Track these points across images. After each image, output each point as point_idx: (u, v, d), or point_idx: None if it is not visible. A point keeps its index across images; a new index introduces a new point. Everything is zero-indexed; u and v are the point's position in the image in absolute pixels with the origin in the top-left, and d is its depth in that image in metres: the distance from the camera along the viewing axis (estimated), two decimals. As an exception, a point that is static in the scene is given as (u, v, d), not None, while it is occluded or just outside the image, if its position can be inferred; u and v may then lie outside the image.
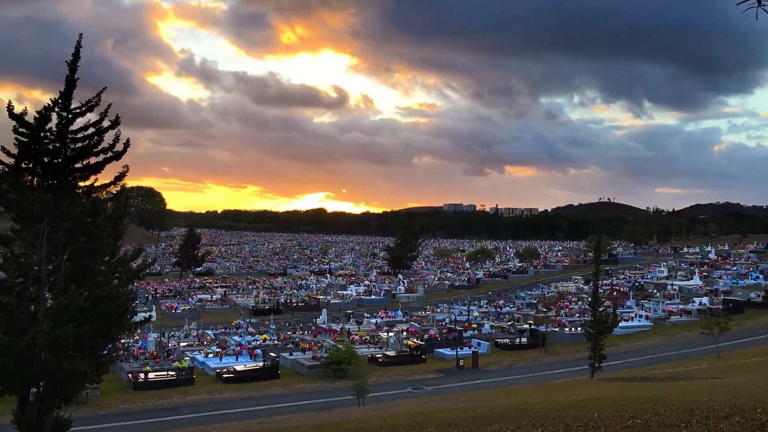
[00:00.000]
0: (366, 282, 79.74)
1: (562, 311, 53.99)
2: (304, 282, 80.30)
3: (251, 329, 48.48)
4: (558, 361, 40.03)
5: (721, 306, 51.85)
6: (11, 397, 15.14)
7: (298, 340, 44.15)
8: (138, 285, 59.71)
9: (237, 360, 38.06)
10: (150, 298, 65.04)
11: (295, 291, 72.81)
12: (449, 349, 40.98)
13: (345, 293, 69.65)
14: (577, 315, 51.98)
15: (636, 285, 67.58)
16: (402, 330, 46.54)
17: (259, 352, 38.92)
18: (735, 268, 76.14)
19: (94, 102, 15.50)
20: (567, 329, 46.28)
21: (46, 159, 15.26)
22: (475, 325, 49.18)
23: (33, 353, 14.02)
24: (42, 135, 14.96)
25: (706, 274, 71.80)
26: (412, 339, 43.17)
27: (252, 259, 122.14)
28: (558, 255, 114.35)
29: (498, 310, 57.68)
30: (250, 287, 75.42)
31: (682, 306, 54.04)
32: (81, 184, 15.80)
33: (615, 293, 60.69)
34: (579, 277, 73.12)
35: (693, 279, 67.30)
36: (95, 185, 15.93)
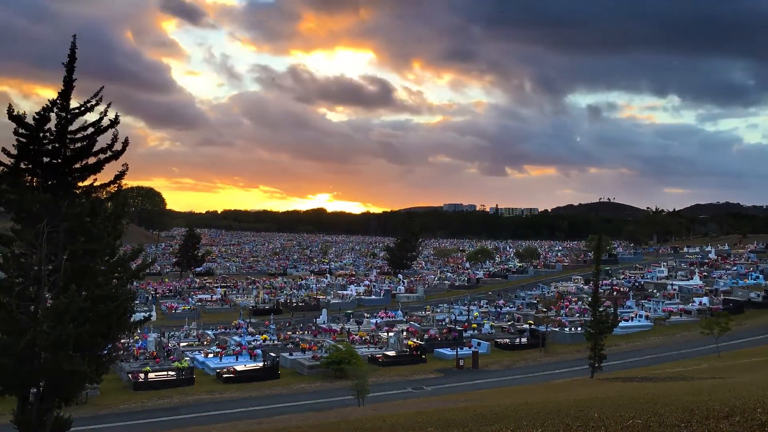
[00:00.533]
0: (366, 282, 79.71)
1: (562, 311, 53.97)
2: (304, 282, 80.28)
3: (251, 329, 48.48)
4: (558, 361, 40.02)
5: (721, 306, 51.84)
6: (11, 397, 15.14)
7: (298, 340, 44.15)
8: (138, 285, 59.74)
9: (237, 360, 38.07)
10: (150, 298, 65.01)
11: (295, 291, 72.80)
12: (449, 349, 40.98)
13: (345, 293, 69.63)
14: (577, 315, 51.97)
15: (636, 285, 67.56)
16: (402, 330, 46.53)
17: (259, 352, 38.92)
18: (735, 268, 76.13)
19: (94, 102, 15.50)
20: (567, 329, 46.28)
21: (45, 159, 15.26)
22: (475, 325, 49.18)
23: (33, 353, 14.01)
24: (41, 135, 14.96)
25: (706, 274, 71.80)
26: (412, 339, 43.17)
27: (252, 259, 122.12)
28: (558, 255, 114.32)
29: (498, 310, 57.66)
30: (250, 287, 75.41)
31: (682, 306, 54.02)
32: (80, 184, 15.79)
33: (615, 293, 60.67)
34: (579, 277, 73.12)
35: (693, 279, 67.30)
36: (95, 185, 15.93)
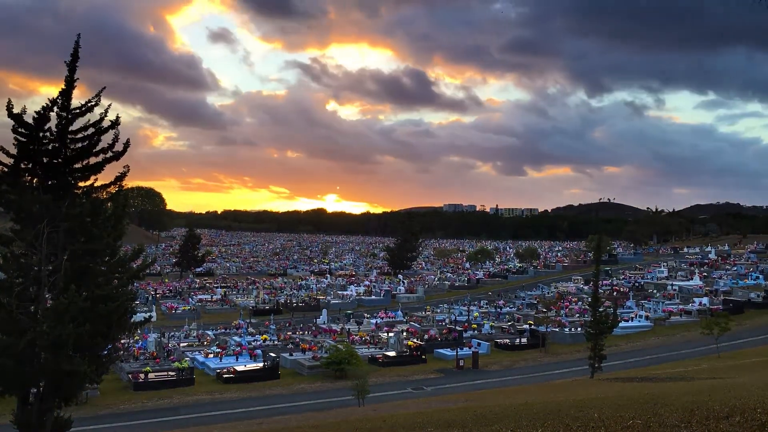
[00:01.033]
0: (366, 282, 79.69)
1: (562, 311, 53.95)
2: (304, 282, 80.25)
3: (251, 329, 48.48)
4: (558, 362, 40.03)
5: (721, 306, 51.84)
6: (11, 397, 15.13)
7: (298, 340, 44.14)
8: (138, 285, 59.68)
9: (237, 360, 38.06)
10: (150, 298, 64.98)
11: (295, 291, 72.78)
12: (449, 350, 40.97)
13: (345, 293, 69.60)
14: (577, 315, 51.95)
15: (636, 285, 67.55)
16: (402, 330, 46.52)
17: (259, 352, 38.92)
18: (735, 268, 76.15)
19: (93, 102, 15.48)
20: (567, 329, 46.27)
21: (45, 159, 15.24)
22: (475, 326, 49.17)
23: (33, 353, 14.01)
24: (41, 135, 14.95)
25: (706, 274, 71.80)
26: (412, 339, 43.16)
27: (252, 260, 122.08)
28: (558, 255, 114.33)
29: (498, 310, 57.65)
30: (250, 287, 75.38)
31: (682, 306, 54.01)
32: (81, 184, 15.78)
33: (615, 293, 60.64)
34: (579, 277, 73.12)
35: (693, 279, 67.32)
36: (95, 185, 15.92)
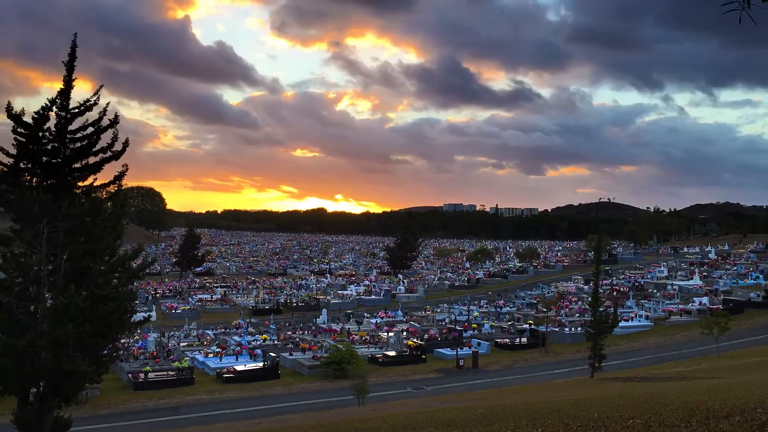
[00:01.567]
0: (366, 282, 79.71)
1: (562, 311, 53.95)
2: (304, 282, 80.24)
3: (251, 329, 48.48)
4: (558, 361, 40.01)
5: (721, 306, 51.81)
6: (11, 397, 15.13)
7: (298, 340, 44.14)
8: (138, 285, 59.66)
9: (237, 360, 38.07)
10: (150, 298, 64.98)
11: (295, 291, 72.76)
12: (449, 349, 40.96)
13: (345, 293, 69.62)
14: (577, 315, 51.94)
15: (636, 285, 67.54)
16: (402, 330, 46.51)
17: (259, 352, 38.91)
18: (735, 268, 76.15)
19: (92, 102, 15.48)
20: (567, 329, 46.25)
21: (44, 159, 15.24)
22: (475, 325, 49.17)
23: (33, 353, 14.00)
24: (41, 135, 14.94)
25: (706, 274, 71.81)
26: (412, 339, 43.16)
27: (252, 259, 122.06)
28: (558, 255, 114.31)
29: (498, 310, 57.66)
30: (250, 287, 75.39)
31: (682, 306, 54.01)
32: (80, 184, 15.78)
33: (615, 293, 60.64)
34: (579, 277, 73.13)
35: (693, 279, 67.33)
36: (94, 185, 15.91)
